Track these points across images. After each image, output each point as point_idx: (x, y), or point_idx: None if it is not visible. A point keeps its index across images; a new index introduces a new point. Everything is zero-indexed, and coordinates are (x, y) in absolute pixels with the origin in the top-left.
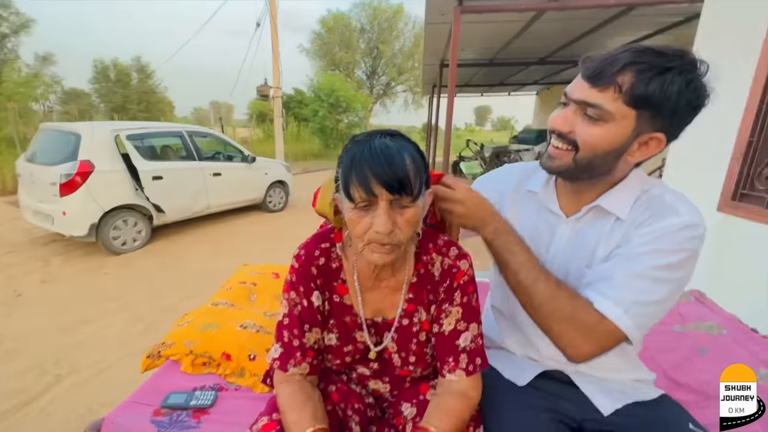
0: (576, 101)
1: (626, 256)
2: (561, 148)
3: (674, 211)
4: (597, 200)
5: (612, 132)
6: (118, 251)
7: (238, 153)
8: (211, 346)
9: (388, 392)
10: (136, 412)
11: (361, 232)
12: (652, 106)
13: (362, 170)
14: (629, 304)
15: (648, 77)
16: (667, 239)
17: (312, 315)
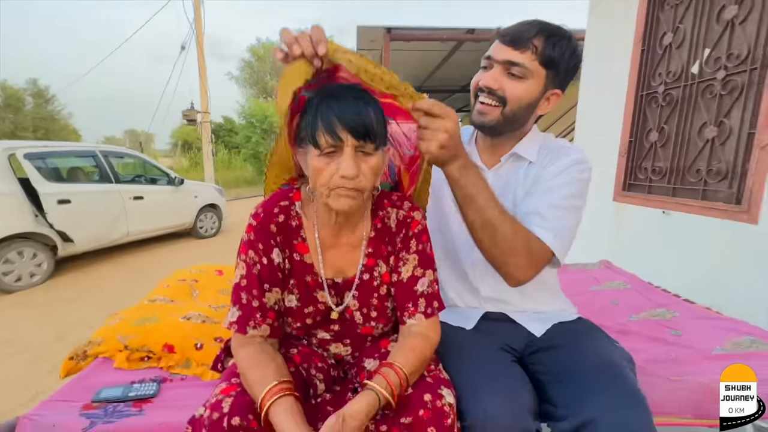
0: (502, 62)
1: (542, 191)
2: (490, 104)
3: (567, 152)
4: (513, 149)
5: (532, 87)
6: (11, 289)
7: (163, 175)
8: (149, 340)
9: (349, 355)
10: (60, 410)
11: (326, 179)
12: (555, 66)
13: (329, 117)
14: (556, 230)
15: (553, 42)
16: (567, 172)
17: (272, 273)
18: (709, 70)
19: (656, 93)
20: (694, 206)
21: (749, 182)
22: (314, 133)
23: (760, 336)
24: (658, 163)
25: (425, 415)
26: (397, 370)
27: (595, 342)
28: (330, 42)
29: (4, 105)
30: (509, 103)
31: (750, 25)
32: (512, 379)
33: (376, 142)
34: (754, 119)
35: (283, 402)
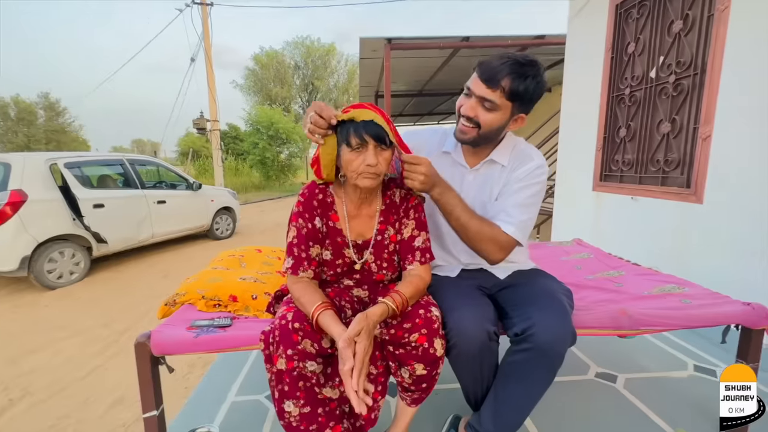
0: (477, 97)
1: (509, 193)
2: (469, 126)
3: (531, 158)
4: (489, 155)
5: (500, 116)
6: (54, 285)
7: (182, 181)
8: (219, 291)
9: (367, 297)
10: (173, 328)
11: (356, 166)
12: (520, 99)
13: (359, 130)
14: (518, 223)
15: (518, 82)
16: (530, 176)
17: (315, 234)
18: (663, 74)
19: (624, 94)
20: (656, 191)
21: (696, 169)
22: (349, 138)
23: (681, 284)
24: (627, 156)
25: (420, 322)
26: (401, 294)
27: (541, 279)
28: (337, 114)
29: (17, 119)
30: (483, 127)
31: (692, 37)
32: (478, 301)
33: (387, 143)
34: (698, 116)
35: (327, 312)
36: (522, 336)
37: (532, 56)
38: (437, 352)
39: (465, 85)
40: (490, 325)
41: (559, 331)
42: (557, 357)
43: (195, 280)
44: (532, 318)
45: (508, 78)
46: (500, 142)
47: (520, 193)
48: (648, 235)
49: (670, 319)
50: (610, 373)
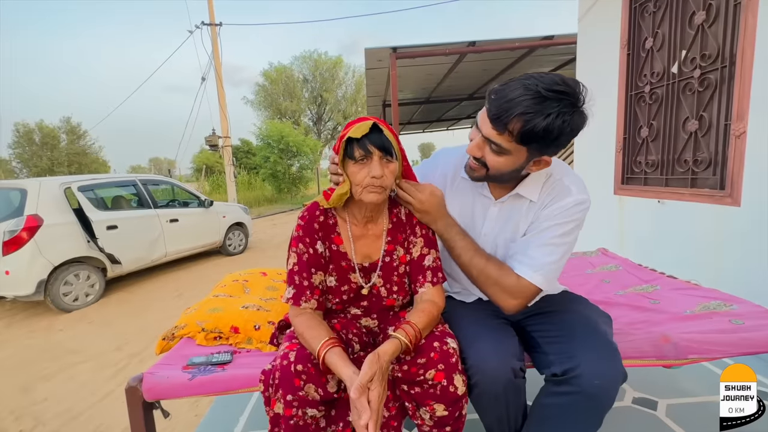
0: (484, 136)
1: (536, 232)
2: (477, 164)
3: (569, 192)
4: (515, 189)
5: (511, 161)
6: (69, 308)
7: (194, 198)
8: (219, 323)
9: (376, 327)
10: (167, 369)
11: (360, 179)
12: (537, 142)
13: (364, 141)
14: (539, 265)
15: (533, 124)
16: (563, 215)
17: (317, 260)
18: (686, 69)
19: (643, 92)
20: (685, 194)
21: (730, 169)
22: (352, 150)
23: (728, 300)
24: (650, 157)
25: (435, 357)
26: (413, 325)
27: (577, 306)
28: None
29: (41, 144)
30: (491, 169)
31: (717, 28)
32: (501, 332)
33: (392, 155)
34: (728, 112)
35: (334, 351)
36: (563, 378)
37: (564, 80)
38: (458, 390)
39: (477, 115)
40: (515, 360)
41: (609, 374)
42: (607, 402)
43: (195, 311)
44: (576, 357)
45: (520, 119)
46: (527, 178)
47: (548, 232)
48: (678, 242)
49: (721, 346)
50: (649, 398)
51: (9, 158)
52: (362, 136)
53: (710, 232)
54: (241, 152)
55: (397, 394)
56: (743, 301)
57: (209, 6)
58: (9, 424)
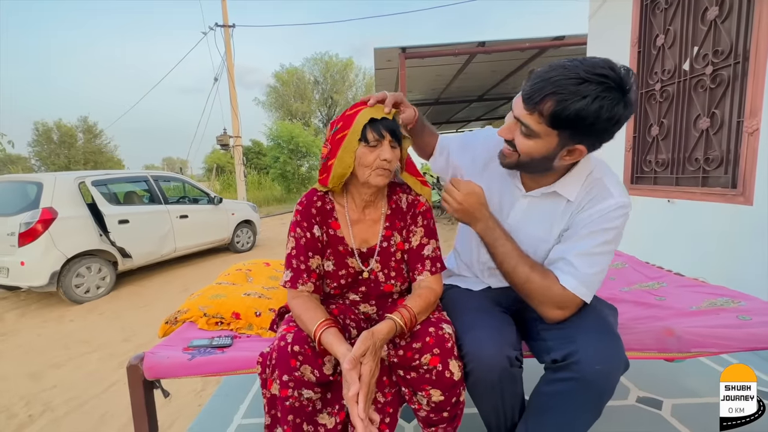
0: (515, 117)
1: (575, 237)
2: (509, 149)
3: (610, 194)
4: (553, 185)
5: (540, 145)
6: (81, 300)
7: (203, 195)
8: (221, 308)
9: (374, 313)
10: (168, 350)
11: (370, 161)
12: (569, 126)
13: (376, 125)
14: (583, 276)
15: (564, 105)
16: (604, 219)
17: (314, 244)
18: (698, 66)
19: (654, 90)
20: (696, 193)
21: (742, 167)
22: (365, 133)
23: (735, 297)
24: (660, 156)
25: (431, 341)
26: (409, 309)
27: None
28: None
29: (59, 142)
30: (521, 155)
31: (730, 23)
32: (498, 320)
33: (400, 139)
34: (741, 108)
35: (330, 330)
36: (563, 363)
37: (609, 65)
38: (454, 376)
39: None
40: (511, 349)
41: (610, 359)
42: (607, 389)
43: (198, 297)
44: (576, 342)
45: (551, 99)
46: (567, 172)
47: (589, 239)
48: (688, 241)
49: (726, 340)
50: (654, 397)
51: (28, 156)
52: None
53: (722, 231)
54: (251, 152)
55: (393, 380)
56: (752, 298)
57: (223, 8)
58: (19, 408)
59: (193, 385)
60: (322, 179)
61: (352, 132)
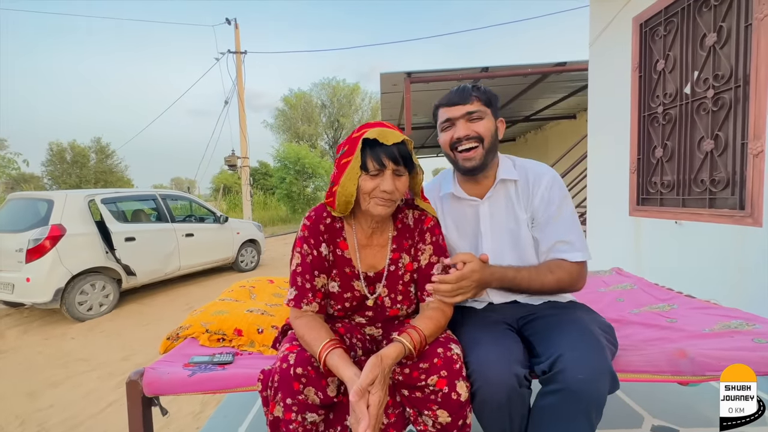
0: (462, 115)
1: (550, 218)
2: (473, 147)
3: (542, 173)
4: (498, 175)
5: (489, 122)
6: (83, 317)
7: (210, 214)
8: (224, 325)
9: (380, 336)
10: (168, 366)
11: (370, 189)
12: (491, 104)
13: (377, 153)
14: (579, 243)
15: (480, 91)
16: (555, 191)
17: (320, 263)
18: (699, 90)
19: (656, 113)
20: (704, 214)
21: (749, 189)
22: (365, 161)
23: (750, 320)
24: (666, 177)
25: (438, 363)
26: (419, 330)
27: (575, 311)
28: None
29: (72, 162)
30: (485, 138)
31: (729, 49)
32: (504, 337)
33: (407, 165)
34: (744, 131)
35: (336, 352)
36: (550, 374)
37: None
38: (461, 397)
39: (438, 125)
40: (519, 367)
41: (591, 367)
42: (592, 400)
43: (201, 313)
44: (559, 351)
45: (474, 91)
46: (499, 162)
47: (561, 211)
48: (698, 263)
49: (742, 363)
50: (670, 426)
51: (41, 175)
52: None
53: (731, 253)
54: (258, 173)
55: (397, 400)
56: (767, 321)
57: (236, 35)
58: (14, 428)
59: (192, 407)
60: (329, 203)
61: (354, 158)
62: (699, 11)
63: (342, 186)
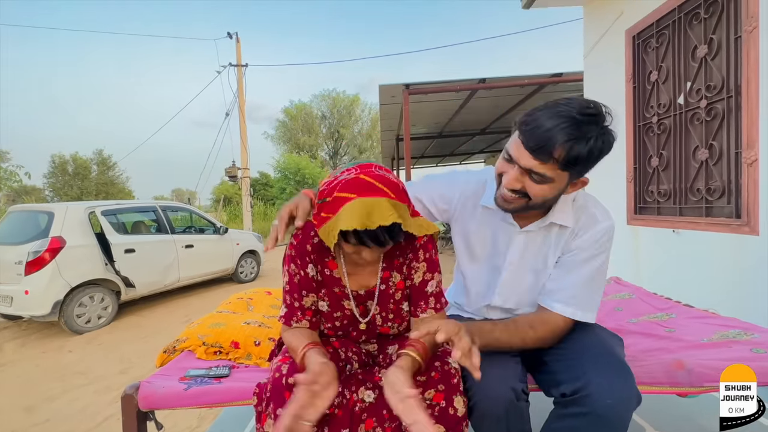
0: (524, 168)
1: (569, 266)
2: (515, 197)
3: (596, 221)
4: (548, 217)
5: (554, 187)
6: (82, 330)
7: (210, 225)
8: (220, 338)
9: (375, 350)
10: (165, 379)
11: (351, 252)
12: (579, 166)
13: (359, 234)
14: (585, 305)
15: (576, 150)
16: (595, 245)
17: (308, 283)
18: (692, 100)
19: (651, 123)
20: (701, 223)
21: (744, 197)
22: (345, 235)
23: (748, 329)
24: (662, 186)
25: (436, 376)
26: (422, 342)
27: (593, 330)
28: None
29: (74, 174)
30: (533, 198)
31: (720, 60)
32: (502, 353)
33: (396, 240)
34: (738, 140)
35: (312, 350)
36: (572, 397)
37: (591, 103)
38: (458, 412)
39: (505, 148)
40: (517, 381)
41: (622, 393)
42: (620, 425)
43: (198, 325)
44: (587, 375)
45: (564, 146)
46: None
47: (584, 267)
48: (696, 272)
49: None
50: None
51: (43, 187)
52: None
53: (729, 261)
54: (259, 184)
55: (394, 414)
56: (765, 330)
57: (237, 49)
58: None
59: (189, 421)
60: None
61: (334, 221)
62: (689, 24)
63: (322, 234)
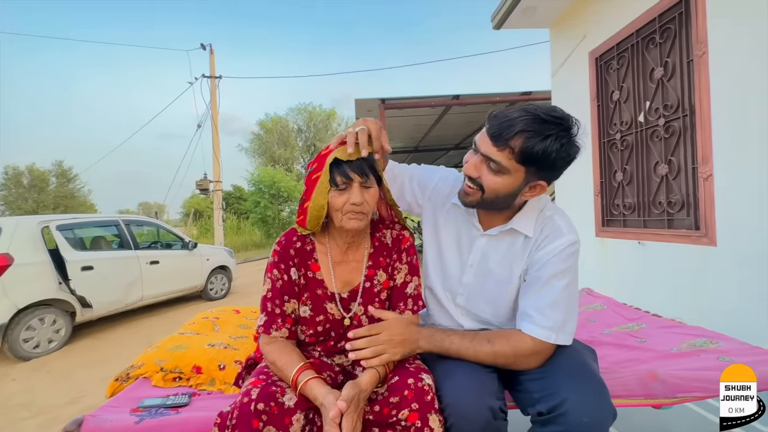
0: (482, 154)
1: (536, 284)
2: (472, 188)
3: (561, 233)
4: (509, 223)
5: (508, 181)
6: (29, 356)
7: (177, 240)
8: (181, 362)
9: (350, 365)
10: (113, 412)
11: (340, 205)
12: (536, 163)
13: (344, 168)
14: (555, 326)
15: (533, 142)
16: (559, 258)
17: (291, 288)
18: (652, 118)
19: (615, 139)
20: (664, 235)
21: (702, 210)
22: (333, 176)
23: (713, 338)
24: (627, 199)
25: (409, 395)
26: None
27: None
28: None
29: (29, 186)
30: (486, 191)
31: (675, 81)
32: (478, 367)
33: (373, 178)
34: (694, 156)
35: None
36: (548, 416)
37: (559, 110)
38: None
39: (474, 139)
40: (493, 398)
41: (597, 410)
42: None
43: (156, 349)
44: (561, 393)
45: (521, 136)
46: (522, 207)
47: (550, 285)
48: (661, 282)
49: (710, 383)
50: None
51: None
52: (343, 163)
53: (691, 271)
54: (232, 197)
55: None
56: (729, 339)
57: (211, 60)
58: None
59: None
60: (300, 221)
61: (324, 173)
62: (647, 47)
63: (313, 201)
